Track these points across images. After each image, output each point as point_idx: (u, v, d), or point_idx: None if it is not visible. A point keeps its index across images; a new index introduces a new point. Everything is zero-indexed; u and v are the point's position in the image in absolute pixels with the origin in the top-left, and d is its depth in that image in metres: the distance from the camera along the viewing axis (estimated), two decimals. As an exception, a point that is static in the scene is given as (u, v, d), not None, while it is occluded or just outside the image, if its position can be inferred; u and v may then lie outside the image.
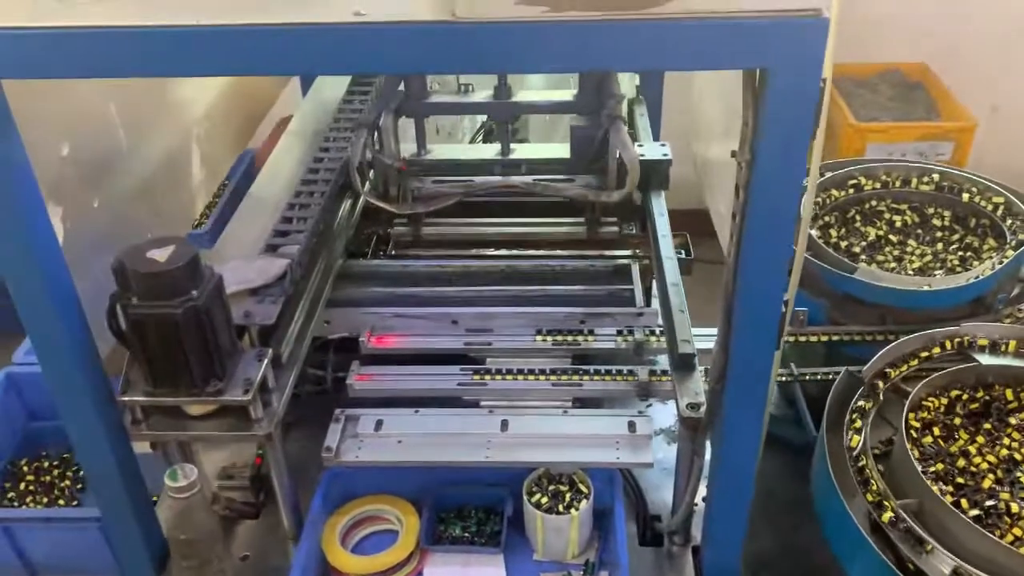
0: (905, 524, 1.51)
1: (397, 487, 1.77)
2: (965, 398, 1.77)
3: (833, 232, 2.30)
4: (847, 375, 1.81)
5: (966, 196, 2.28)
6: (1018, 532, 1.50)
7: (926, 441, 1.67)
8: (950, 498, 1.55)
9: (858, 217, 2.34)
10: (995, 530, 1.50)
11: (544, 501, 1.68)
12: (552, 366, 1.92)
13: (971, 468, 1.61)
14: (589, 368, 1.91)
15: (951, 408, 1.76)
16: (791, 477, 2.07)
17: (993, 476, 1.59)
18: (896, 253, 2.22)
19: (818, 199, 2.32)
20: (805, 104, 1.15)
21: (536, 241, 2.24)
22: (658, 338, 1.97)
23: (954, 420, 1.73)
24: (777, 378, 1.58)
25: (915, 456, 1.59)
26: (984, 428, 1.71)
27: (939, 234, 2.27)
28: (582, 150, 2.12)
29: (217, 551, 1.57)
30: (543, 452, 1.72)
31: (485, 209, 2.24)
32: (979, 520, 1.50)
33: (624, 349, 1.97)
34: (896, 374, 1.80)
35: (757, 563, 1.95)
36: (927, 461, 1.64)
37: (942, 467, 1.62)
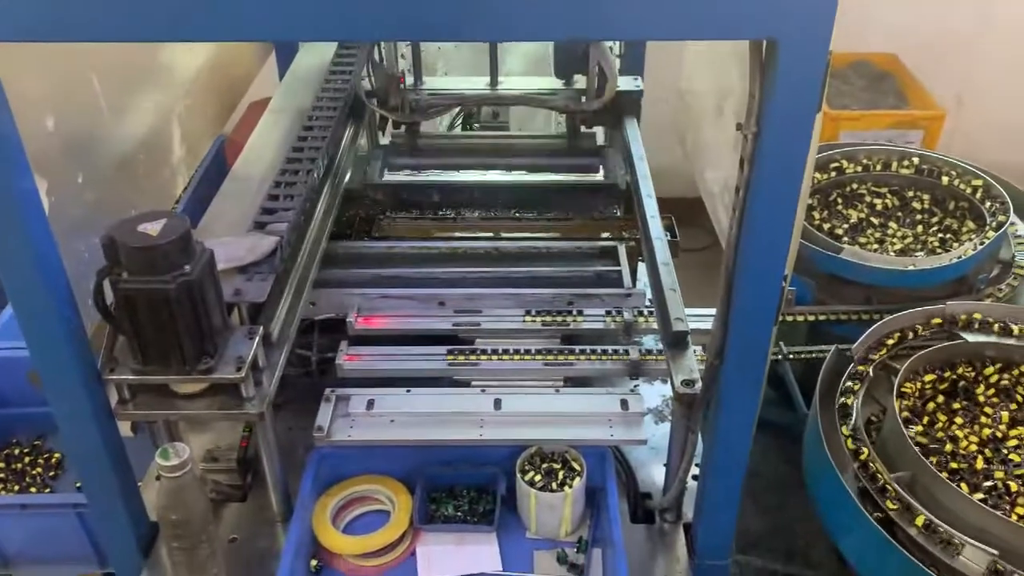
0: (898, 495, 1.53)
1: (387, 467, 1.75)
2: (952, 375, 1.79)
3: (816, 215, 2.32)
4: (837, 353, 1.83)
5: (945, 179, 2.32)
6: (1021, 511, 1.52)
7: (917, 424, 1.70)
8: (945, 475, 1.57)
9: (840, 200, 2.37)
10: (999, 509, 1.51)
11: (537, 479, 1.68)
12: (542, 346, 1.91)
13: (961, 451, 1.63)
14: (581, 348, 1.90)
15: (939, 385, 1.78)
16: (777, 458, 2.09)
17: (982, 456, 1.61)
18: (878, 235, 2.25)
19: (801, 182, 2.33)
20: (813, 75, 1.15)
21: (522, 151, 2.41)
22: (646, 318, 1.97)
23: (938, 398, 1.75)
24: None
25: (906, 431, 1.61)
26: (971, 404, 1.73)
27: (919, 216, 2.30)
28: (565, 62, 2.31)
29: (208, 532, 1.53)
30: (536, 430, 1.72)
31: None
32: (984, 503, 1.52)
33: (612, 329, 1.97)
34: (885, 352, 1.82)
35: (745, 542, 1.97)
36: (917, 436, 1.66)
37: (927, 441, 1.65)
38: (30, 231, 1.30)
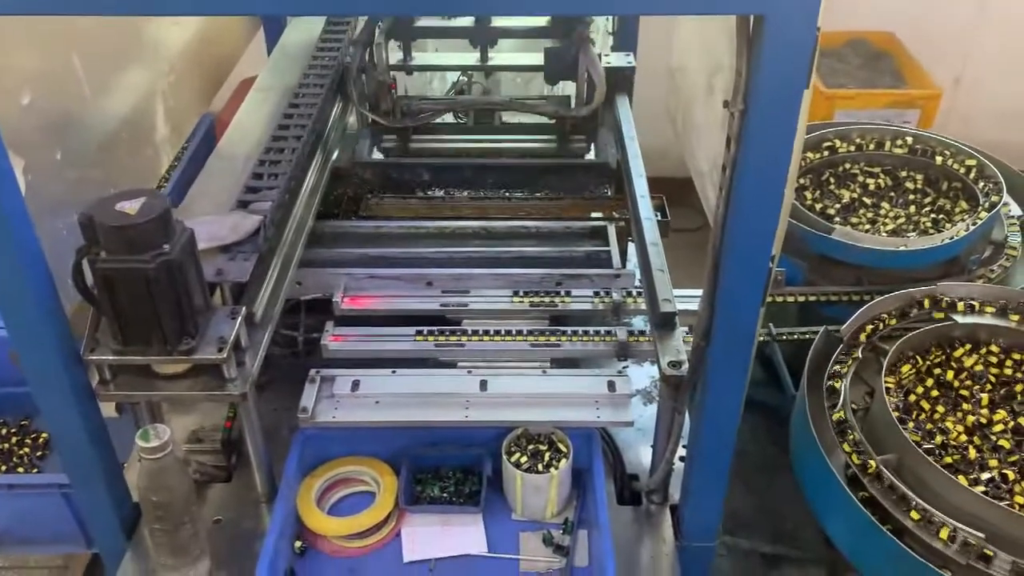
0: (885, 477, 1.52)
1: (373, 448, 1.74)
2: (941, 356, 1.78)
3: (808, 194, 2.30)
4: (826, 334, 1.81)
5: (939, 159, 2.30)
6: (1021, 499, 1.51)
7: (908, 398, 1.68)
8: (934, 458, 1.56)
9: (832, 180, 2.35)
10: (1002, 501, 1.50)
11: (523, 461, 1.67)
12: (530, 327, 1.90)
13: (952, 442, 1.61)
14: (568, 329, 1.89)
15: (928, 366, 1.77)
16: (764, 439, 2.08)
17: (973, 446, 1.59)
18: (870, 215, 2.23)
19: (793, 161, 2.31)
20: (801, 52, 1.13)
21: (512, 154, 2.35)
22: (635, 299, 1.96)
23: (927, 381, 1.74)
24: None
25: (893, 413, 1.60)
26: (958, 387, 1.72)
27: (912, 197, 2.28)
28: (556, 67, 2.30)
29: (191, 513, 1.52)
30: (523, 412, 1.70)
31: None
32: (987, 496, 1.50)
33: (601, 310, 1.96)
34: (874, 332, 1.80)
35: (732, 523, 1.96)
36: (904, 418, 1.65)
37: (914, 427, 1.64)
38: (5, 209, 1.28)
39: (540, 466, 1.66)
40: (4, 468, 2.41)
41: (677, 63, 2.10)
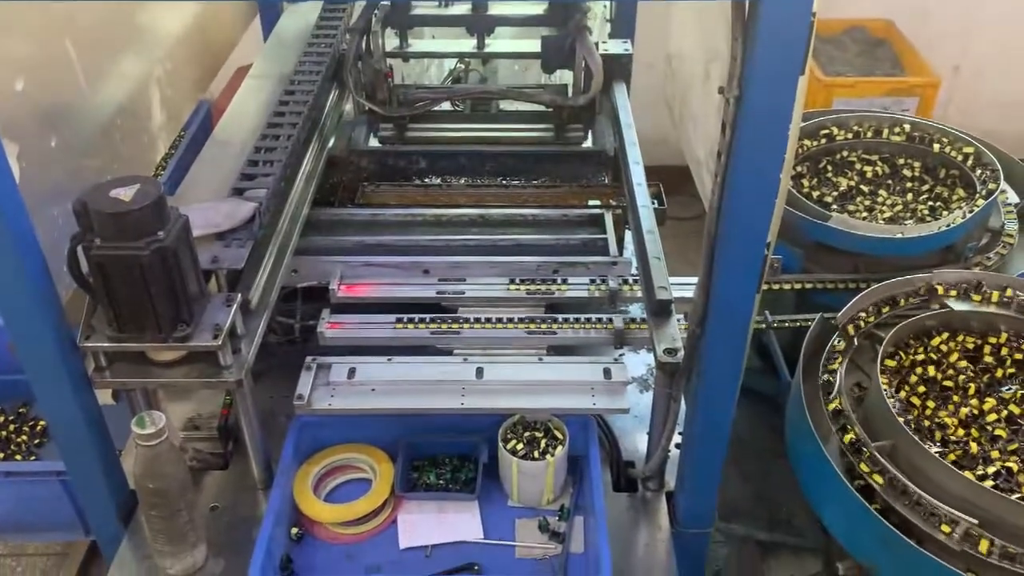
0: (880, 464, 1.53)
1: (369, 436, 1.74)
2: (954, 342, 1.77)
3: (805, 182, 2.30)
4: (822, 321, 1.81)
5: (936, 147, 2.29)
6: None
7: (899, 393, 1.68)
8: (930, 446, 1.55)
9: (830, 167, 2.34)
10: (1013, 494, 1.49)
11: (519, 447, 1.67)
12: (526, 315, 1.90)
13: (951, 437, 1.61)
14: (564, 316, 1.89)
15: (911, 363, 1.76)
16: (761, 426, 2.09)
17: (971, 438, 1.59)
18: (867, 203, 2.23)
19: (791, 149, 2.31)
20: (795, 38, 1.13)
21: (508, 142, 2.33)
22: (631, 287, 1.96)
23: (919, 369, 1.74)
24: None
25: (888, 400, 1.60)
26: (944, 378, 1.71)
27: (909, 184, 2.28)
28: (552, 56, 2.29)
29: (187, 500, 1.52)
30: (519, 399, 1.71)
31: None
32: (997, 490, 1.49)
33: (597, 298, 1.95)
34: (870, 320, 1.80)
35: (728, 510, 1.97)
36: (900, 407, 1.65)
37: (916, 413, 1.64)
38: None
39: (536, 453, 1.66)
40: (2, 456, 2.42)
41: (674, 50, 2.09)
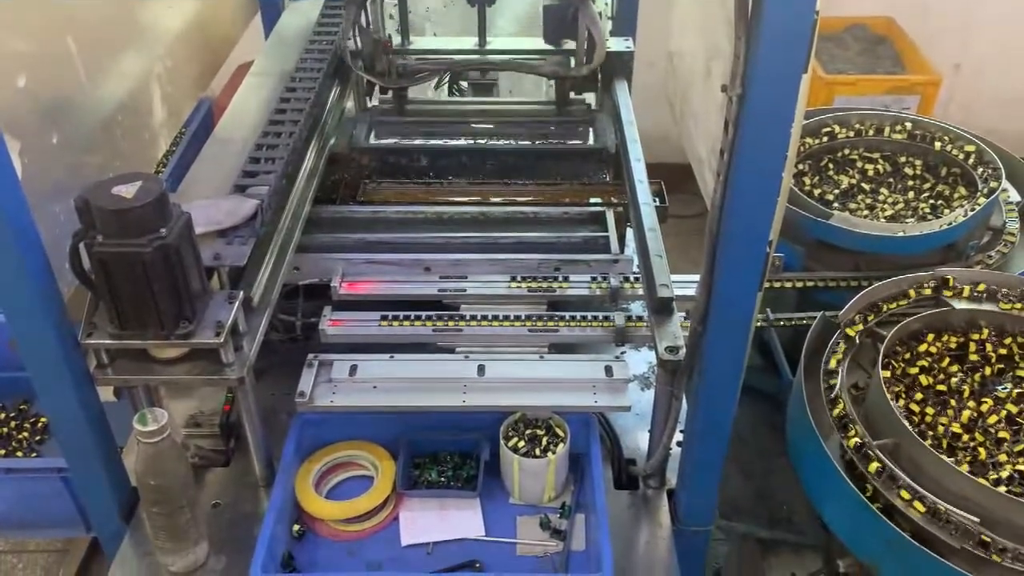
0: (882, 462, 1.53)
1: (370, 433, 1.74)
2: (939, 343, 1.78)
3: (807, 180, 2.30)
4: (823, 319, 1.81)
5: (938, 145, 2.29)
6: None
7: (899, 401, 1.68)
8: (929, 442, 1.56)
9: (831, 165, 2.34)
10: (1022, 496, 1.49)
11: (521, 445, 1.67)
12: (527, 312, 1.90)
13: (959, 445, 1.61)
14: (566, 314, 1.89)
15: (925, 353, 1.77)
16: (762, 425, 2.09)
17: (976, 442, 1.59)
18: (868, 201, 2.23)
19: (792, 147, 2.31)
20: (799, 36, 1.13)
21: (509, 116, 2.35)
22: (633, 285, 1.96)
23: (934, 364, 1.74)
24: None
25: (890, 399, 1.60)
26: (948, 379, 1.71)
27: (911, 183, 2.28)
28: (554, 28, 2.28)
29: (188, 497, 1.53)
30: (520, 396, 1.71)
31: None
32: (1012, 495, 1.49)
33: (599, 296, 1.95)
34: (872, 318, 1.80)
35: (729, 508, 1.97)
36: (902, 403, 1.66)
37: (916, 420, 1.64)
38: (1, 194, 1.28)
39: (538, 451, 1.66)
40: (3, 452, 2.42)
41: (675, 47, 2.09)
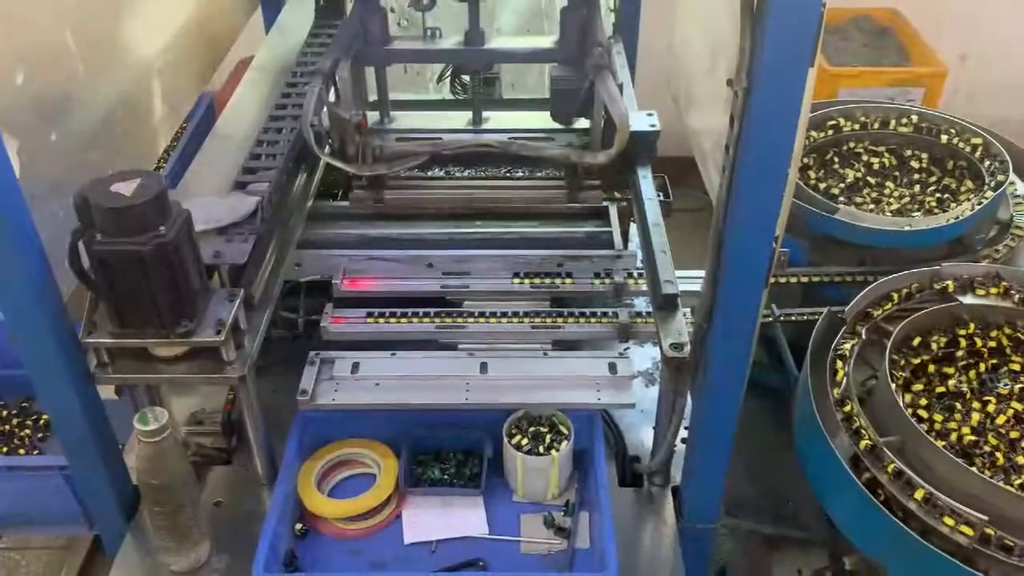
0: (888, 459, 1.51)
1: (373, 431, 1.74)
2: (945, 339, 1.76)
3: (811, 174, 2.28)
4: (829, 315, 1.80)
5: (944, 138, 2.27)
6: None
7: (914, 387, 1.67)
8: (940, 442, 1.54)
9: (836, 159, 2.32)
10: None
11: (524, 443, 1.66)
12: (530, 309, 1.89)
13: (971, 450, 1.59)
14: (569, 310, 1.88)
15: (932, 349, 1.75)
16: (767, 421, 2.07)
17: (989, 445, 1.58)
18: (874, 195, 2.21)
19: (797, 140, 2.29)
20: (805, 30, 1.11)
21: (512, 210, 2.04)
22: (636, 280, 1.94)
23: (941, 362, 1.72)
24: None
25: (897, 395, 1.59)
26: (967, 375, 1.69)
27: (917, 176, 2.26)
28: (564, 104, 1.90)
29: (190, 496, 1.52)
30: (523, 394, 1.70)
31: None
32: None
33: (602, 292, 1.94)
34: (878, 314, 1.79)
35: (734, 505, 1.95)
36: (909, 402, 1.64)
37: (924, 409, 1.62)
38: (-2, 191, 1.27)
39: (541, 448, 1.65)
40: (5, 450, 2.41)
41: (679, 40, 2.07)
